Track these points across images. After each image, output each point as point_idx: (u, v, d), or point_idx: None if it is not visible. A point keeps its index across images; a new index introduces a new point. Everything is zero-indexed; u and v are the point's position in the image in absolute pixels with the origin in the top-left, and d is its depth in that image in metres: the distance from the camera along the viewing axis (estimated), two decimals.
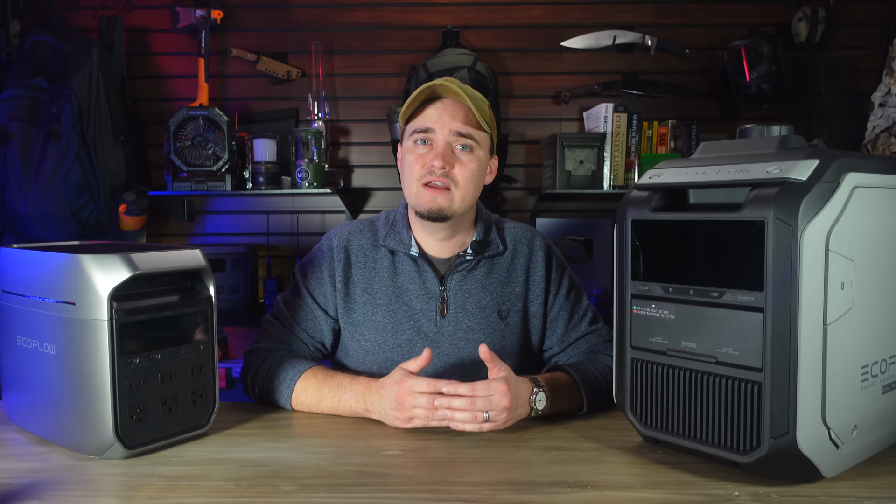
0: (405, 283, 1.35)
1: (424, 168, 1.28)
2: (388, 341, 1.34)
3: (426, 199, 1.28)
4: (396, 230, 1.37)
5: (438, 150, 1.28)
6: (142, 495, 0.91)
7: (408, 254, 1.35)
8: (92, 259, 0.99)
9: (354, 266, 1.37)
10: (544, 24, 2.84)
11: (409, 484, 0.95)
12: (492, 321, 1.36)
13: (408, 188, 1.32)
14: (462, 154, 1.29)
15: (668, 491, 0.92)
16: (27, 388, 1.10)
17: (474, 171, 1.30)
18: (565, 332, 1.41)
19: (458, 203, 1.29)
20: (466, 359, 1.33)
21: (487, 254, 1.37)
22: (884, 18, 2.69)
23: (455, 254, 1.37)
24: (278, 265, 2.87)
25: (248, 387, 1.33)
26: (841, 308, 0.87)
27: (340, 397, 1.21)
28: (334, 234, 1.40)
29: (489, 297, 1.37)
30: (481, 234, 1.37)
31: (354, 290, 1.36)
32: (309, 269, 1.39)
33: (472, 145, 1.30)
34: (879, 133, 2.44)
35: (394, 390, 1.13)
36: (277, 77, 2.80)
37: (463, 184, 1.29)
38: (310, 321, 1.37)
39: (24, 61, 2.46)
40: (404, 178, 1.33)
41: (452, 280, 1.35)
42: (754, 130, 1.00)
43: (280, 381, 1.26)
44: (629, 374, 1.03)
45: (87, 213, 2.44)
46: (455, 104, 1.30)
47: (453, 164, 1.28)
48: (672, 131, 2.70)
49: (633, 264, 1.01)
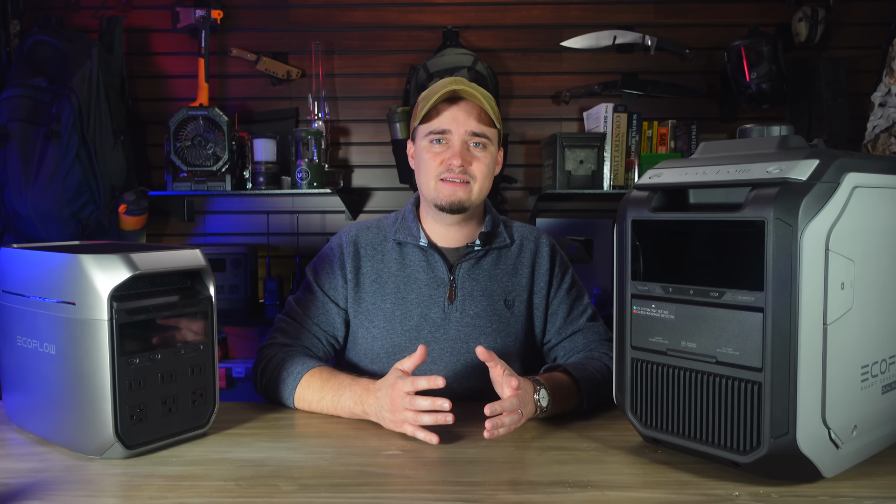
0: (414, 272, 1.40)
1: (443, 165, 1.34)
2: (397, 327, 1.38)
3: (447, 192, 1.34)
4: (406, 224, 1.43)
5: (455, 149, 1.33)
6: (142, 495, 0.91)
7: (417, 245, 1.41)
8: (92, 259, 0.99)
9: (364, 258, 1.42)
10: (544, 24, 2.84)
11: (409, 484, 0.95)
12: (498, 309, 1.40)
13: (425, 184, 1.37)
14: (477, 151, 1.36)
15: (668, 491, 0.92)
16: (27, 388, 1.10)
17: (489, 165, 1.37)
18: (563, 325, 1.44)
19: (477, 195, 1.37)
20: (473, 344, 1.36)
21: (495, 245, 1.43)
22: (884, 18, 2.69)
23: (464, 244, 1.43)
24: (278, 265, 2.87)
25: (257, 380, 1.35)
26: (841, 308, 0.87)
27: (340, 398, 1.22)
28: (343, 232, 1.46)
29: (496, 286, 1.41)
30: (490, 227, 1.43)
31: (364, 281, 1.41)
32: (319, 267, 1.44)
33: (485, 143, 1.36)
34: (879, 133, 2.44)
35: (388, 392, 1.13)
36: (277, 77, 2.80)
37: (480, 177, 1.36)
38: (322, 315, 1.41)
39: (24, 61, 2.46)
40: (421, 174, 1.38)
41: (461, 268, 1.40)
42: (754, 130, 1.00)
43: (286, 377, 1.28)
44: (629, 374, 1.03)
45: (87, 213, 2.44)
46: (469, 104, 1.35)
47: (471, 161, 1.35)
48: (672, 131, 2.70)
49: (633, 264, 1.01)
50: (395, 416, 1.12)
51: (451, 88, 1.33)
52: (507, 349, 1.40)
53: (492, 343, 1.38)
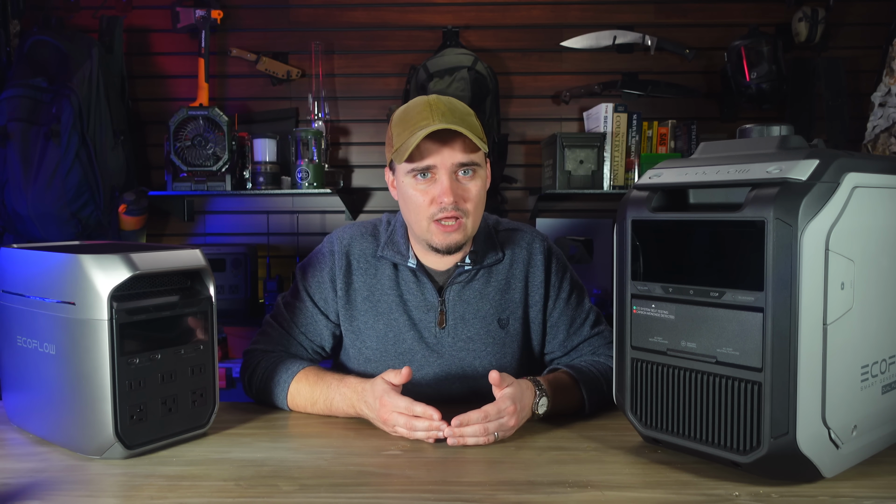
0: (406, 292, 1.35)
1: (434, 205, 1.24)
2: (390, 350, 1.34)
3: (440, 237, 1.26)
4: (394, 241, 1.35)
5: (444, 186, 1.22)
6: (142, 495, 0.91)
7: (406, 265, 1.34)
8: (92, 259, 0.99)
9: (356, 272, 1.36)
10: (544, 24, 2.84)
11: (409, 484, 0.95)
12: (491, 330, 1.35)
13: (416, 223, 1.28)
14: (466, 180, 1.26)
15: (668, 491, 0.92)
16: (27, 388, 1.10)
17: (481, 191, 1.28)
18: (567, 338, 1.40)
19: (471, 228, 1.28)
20: (467, 368, 1.34)
21: (486, 263, 1.35)
22: (884, 18, 2.69)
23: (453, 265, 1.35)
24: (278, 265, 2.87)
25: (246, 387, 1.35)
26: (841, 308, 0.87)
27: (331, 400, 1.22)
28: (336, 237, 1.39)
29: (488, 306, 1.35)
30: (480, 244, 1.35)
31: (356, 297, 1.36)
32: (310, 272, 1.38)
33: (474, 168, 1.26)
34: (879, 133, 2.44)
35: (375, 406, 1.14)
36: (277, 77, 2.80)
37: (474, 210, 1.27)
38: (309, 325, 1.37)
39: (24, 61, 2.46)
40: (409, 212, 1.28)
41: (451, 291, 1.34)
42: (754, 130, 1.00)
43: (275, 384, 1.27)
44: (629, 374, 1.03)
45: (87, 213, 2.44)
46: (451, 132, 1.22)
47: (463, 196, 1.25)
48: (672, 131, 2.70)
49: (633, 264, 1.01)
50: (389, 429, 1.13)
51: (431, 129, 1.20)
52: (503, 369, 1.30)
53: (487, 365, 1.33)
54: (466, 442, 1.08)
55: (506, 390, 1.11)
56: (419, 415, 1.09)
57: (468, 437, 1.08)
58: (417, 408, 1.09)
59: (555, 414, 1.20)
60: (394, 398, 1.11)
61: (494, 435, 1.09)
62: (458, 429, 1.08)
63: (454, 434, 1.08)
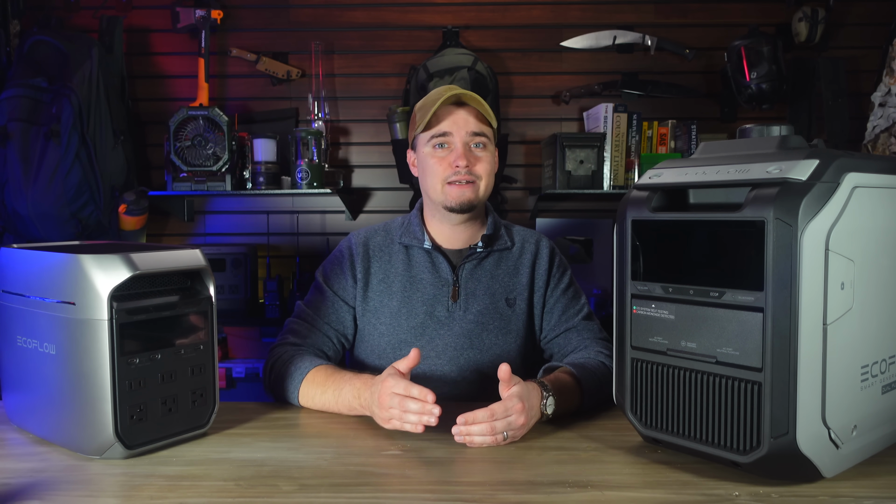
0: (419, 273, 1.46)
1: (448, 169, 1.40)
2: (402, 324, 1.43)
3: (455, 194, 1.40)
4: (411, 228, 1.49)
5: (459, 151, 1.39)
6: (142, 495, 0.91)
7: (422, 247, 1.46)
8: (92, 259, 0.99)
9: (373, 259, 1.48)
10: (544, 24, 2.84)
11: (409, 484, 0.95)
12: (500, 307, 1.45)
13: (433, 188, 1.43)
14: (478, 151, 1.42)
15: (668, 491, 0.92)
16: (27, 388, 1.10)
17: (491, 162, 1.44)
18: (558, 321, 1.48)
19: (483, 192, 1.43)
20: (476, 340, 1.42)
21: (497, 247, 1.48)
22: (884, 18, 2.69)
23: (467, 246, 1.48)
24: (278, 265, 2.87)
25: (266, 378, 1.38)
26: (841, 308, 0.87)
27: (340, 392, 1.23)
28: (352, 235, 1.52)
29: (498, 285, 1.47)
30: (491, 229, 1.48)
31: (372, 280, 1.46)
32: (329, 269, 1.49)
33: (485, 142, 1.42)
34: (879, 133, 2.44)
35: (378, 388, 1.15)
36: (277, 77, 2.80)
37: (485, 175, 1.42)
38: (332, 314, 1.45)
39: (24, 61, 2.46)
40: (427, 179, 1.44)
41: (464, 269, 1.46)
42: (754, 130, 1.00)
43: (293, 371, 1.30)
44: (629, 374, 1.03)
45: (87, 213, 2.44)
46: (466, 107, 1.42)
47: (474, 161, 1.41)
48: (672, 131, 2.70)
49: (633, 264, 1.01)
50: (382, 413, 1.13)
51: (452, 93, 1.38)
52: (509, 345, 1.44)
53: (494, 339, 1.43)
54: (474, 441, 1.08)
55: (513, 389, 1.12)
56: (415, 396, 1.09)
57: (475, 436, 1.08)
58: (414, 390, 1.10)
59: (559, 413, 1.20)
60: (395, 380, 1.12)
61: (504, 435, 1.09)
62: (464, 427, 1.08)
63: (461, 432, 1.08)
